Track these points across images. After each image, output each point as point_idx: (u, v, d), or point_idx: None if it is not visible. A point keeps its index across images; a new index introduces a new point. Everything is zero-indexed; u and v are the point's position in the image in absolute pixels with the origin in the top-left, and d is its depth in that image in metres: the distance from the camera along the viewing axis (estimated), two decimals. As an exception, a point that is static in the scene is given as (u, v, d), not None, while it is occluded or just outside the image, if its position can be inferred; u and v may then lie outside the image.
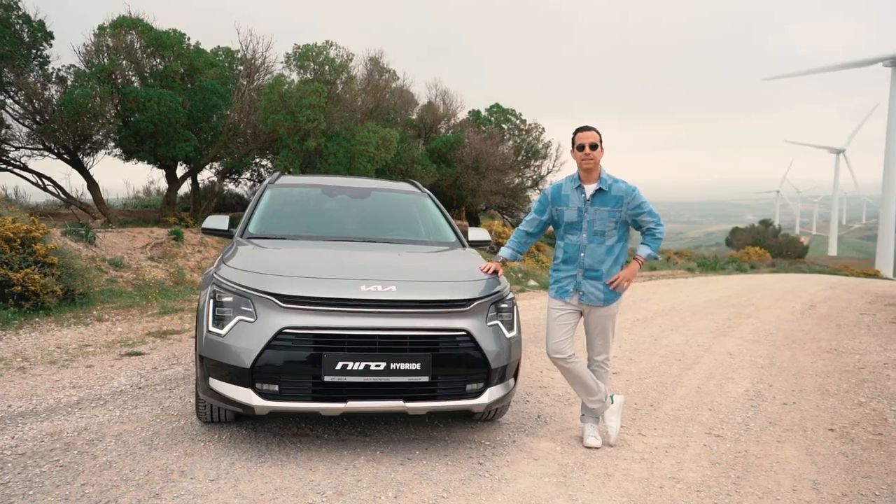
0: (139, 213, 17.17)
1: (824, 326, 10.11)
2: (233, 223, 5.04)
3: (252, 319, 3.76)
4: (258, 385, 3.70)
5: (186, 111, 14.25)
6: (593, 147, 4.21)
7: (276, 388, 3.71)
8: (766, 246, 42.72)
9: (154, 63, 15.06)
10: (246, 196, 21.38)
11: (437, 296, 3.93)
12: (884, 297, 15.22)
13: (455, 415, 4.67)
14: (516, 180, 23.79)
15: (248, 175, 18.59)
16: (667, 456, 4.27)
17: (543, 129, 23.92)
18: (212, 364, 3.82)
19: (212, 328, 3.86)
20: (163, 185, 21.52)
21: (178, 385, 5.32)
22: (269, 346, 3.68)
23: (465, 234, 5.41)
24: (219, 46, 17.60)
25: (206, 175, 18.31)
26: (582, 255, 4.25)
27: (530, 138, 23.85)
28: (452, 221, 5.58)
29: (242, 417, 4.42)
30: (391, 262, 4.39)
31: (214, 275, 4.09)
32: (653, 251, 4.34)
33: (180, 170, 16.52)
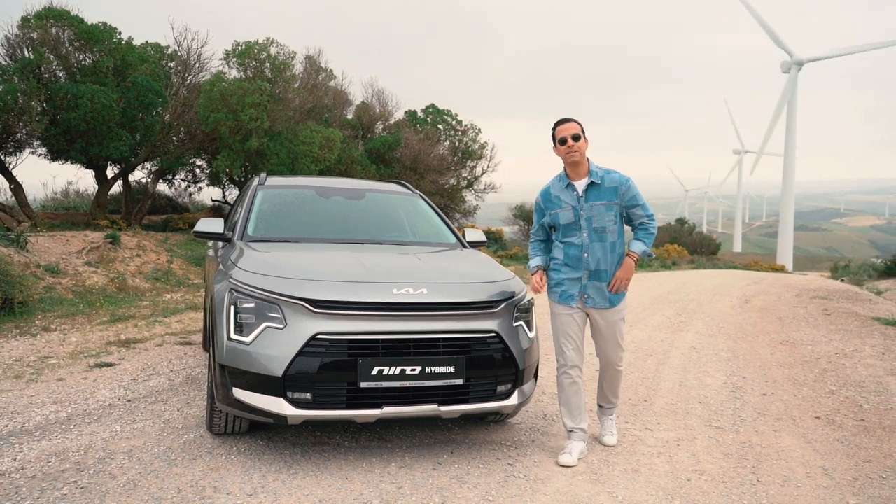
0: (66, 215, 16.24)
1: (767, 319, 10.64)
2: (167, 226, 4.80)
3: (281, 326, 3.63)
4: (290, 394, 3.58)
5: (120, 109, 13.58)
6: (576, 138, 3.99)
7: (308, 396, 3.59)
8: (683, 243, 44.51)
9: (81, 58, 14.28)
10: (175, 198, 20.59)
11: (468, 298, 3.91)
12: (806, 290, 16.15)
13: (469, 416, 4.64)
14: (452, 181, 23.90)
15: (181, 176, 17.89)
16: (680, 449, 4.39)
17: (479, 129, 24.17)
18: (236, 373, 3.66)
19: (234, 336, 3.70)
20: (83, 186, 20.47)
21: (170, 396, 5.07)
22: (301, 353, 3.56)
23: (464, 234, 5.40)
24: (147, 42, 16.89)
25: (138, 176, 17.53)
26: (586, 255, 4.06)
27: (466, 139, 24.02)
28: (449, 222, 5.56)
29: (256, 427, 4.26)
30: (413, 265, 4.32)
31: (230, 279, 3.92)
32: (647, 247, 4.15)
33: (110, 170, 15.74)
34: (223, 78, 14.52)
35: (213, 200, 20.23)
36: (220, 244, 5.45)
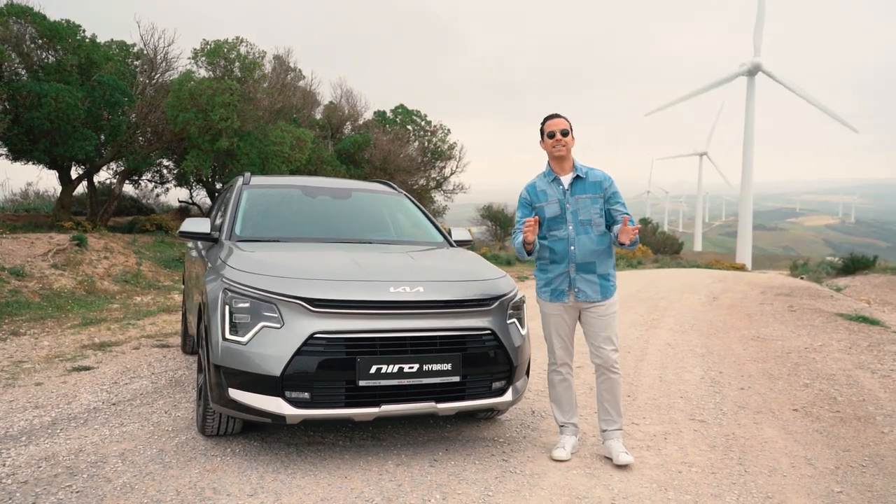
0: (28, 217, 15.83)
1: (736, 316, 10.88)
2: (133, 227, 4.72)
3: (278, 325, 3.62)
4: (288, 393, 3.57)
5: (85, 108, 13.29)
6: (564, 133, 4.04)
7: (306, 395, 3.59)
8: (647, 243, 45.23)
9: (44, 56, 13.94)
10: (140, 199, 20.23)
11: (464, 295, 3.94)
12: (770, 288, 16.53)
13: (461, 414, 4.67)
14: (421, 181, 23.91)
15: (148, 176, 17.57)
16: (667, 442, 4.49)
17: (448, 129, 24.20)
18: (232, 373, 3.64)
19: (229, 336, 3.68)
20: (43, 187, 20.00)
21: (155, 399, 5.00)
22: (299, 352, 3.56)
23: (450, 233, 5.43)
24: (112, 40, 16.57)
25: (102, 177, 17.17)
26: (572, 248, 4.04)
27: (436, 139, 24.04)
28: (435, 221, 5.59)
29: (248, 428, 4.24)
30: (407, 263, 4.34)
31: (224, 279, 3.88)
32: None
33: (74, 171, 15.39)
34: (192, 77, 14.31)
35: (179, 202, 19.92)
36: (201, 244, 5.41)
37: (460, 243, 5.36)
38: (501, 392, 4.01)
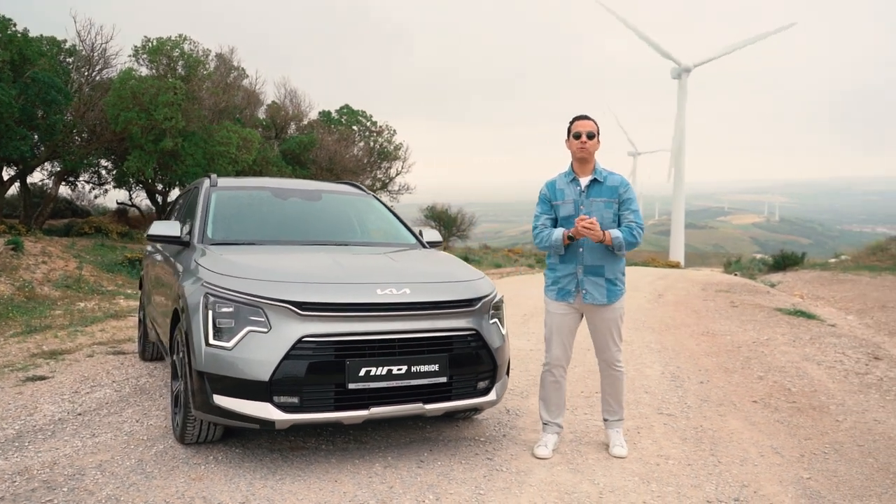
0: (-45, 220, 15.01)
1: (684, 313, 11.23)
2: (70, 230, 4.58)
3: (265, 329, 3.57)
4: (276, 398, 3.53)
5: (20, 106, 12.71)
6: (590, 136, 4.08)
7: (295, 399, 3.56)
8: (586, 242, 46.07)
9: (-28, 51, 13.26)
10: (75, 200, 19.47)
11: (449, 296, 3.97)
12: (709, 285, 17.12)
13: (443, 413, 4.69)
14: (367, 182, 23.78)
15: (85, 177, 16.92)
16: (641, 436, 4.62)
17: (394, 130, 24.12)
18: (216, 379, 3.58)
19: (213, 341, 3.61)
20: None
21: (123, 408, 4.85)
22: (287, 356, 3.52)
23: (421, 234, 5.45)
24: (42, 35, 15.89)
25: (36, 178, 16.44)
26: (581, 250, 4.09)
27: (381, 140, 23.95)
28: (406, 222, 5.59)
29: (227, 435, 4.16)
30: (389, 265, 4.34)
31: (204, 283, 3.80)
32: (622, 240, 4.01)
33: (4, 172, 14.68)
34: (133, 75, 13.86)
35: (118, 203, 19.26)
36: (161, 246, 5.29)
37: (432, 244, 5.39)
38: (486, 392, 4.06)
